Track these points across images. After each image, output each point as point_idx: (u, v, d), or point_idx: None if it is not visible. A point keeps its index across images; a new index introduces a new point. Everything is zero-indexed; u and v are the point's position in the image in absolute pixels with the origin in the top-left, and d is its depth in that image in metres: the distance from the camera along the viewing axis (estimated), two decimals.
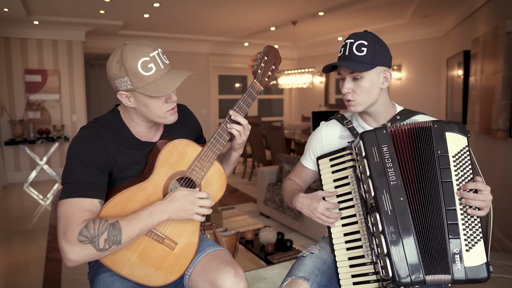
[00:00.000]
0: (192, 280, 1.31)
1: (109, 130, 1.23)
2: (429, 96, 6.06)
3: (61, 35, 5.99)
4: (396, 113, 1.36)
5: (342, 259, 1.27)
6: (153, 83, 1.15)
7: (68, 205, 1.11)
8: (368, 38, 1.26)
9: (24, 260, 3.14)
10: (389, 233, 1.12)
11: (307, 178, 1.55)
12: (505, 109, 3.18)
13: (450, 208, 1.13)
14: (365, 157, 1.18)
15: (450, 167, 1.15)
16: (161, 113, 1.22)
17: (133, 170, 1.26)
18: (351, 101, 1.31)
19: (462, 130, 1.18)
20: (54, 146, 5.97)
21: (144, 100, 1.19)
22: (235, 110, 1.31)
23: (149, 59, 1.14)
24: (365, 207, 1.21)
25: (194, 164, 1.27)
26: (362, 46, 1.25)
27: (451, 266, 1.11)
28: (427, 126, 1.18)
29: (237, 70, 8.48)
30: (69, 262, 1.09)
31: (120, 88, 1.18)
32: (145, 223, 1.15)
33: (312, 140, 1.49)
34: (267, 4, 4.83)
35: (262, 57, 1.37)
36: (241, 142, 1.36)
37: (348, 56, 1.27)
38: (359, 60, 1.25)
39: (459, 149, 1.17)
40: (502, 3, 3.43)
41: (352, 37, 1.28)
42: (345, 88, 1.30)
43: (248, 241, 3.20)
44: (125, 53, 1.14)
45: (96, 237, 1.08)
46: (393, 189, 1.15)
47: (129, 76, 1.14)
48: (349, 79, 1.29)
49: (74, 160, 1.15)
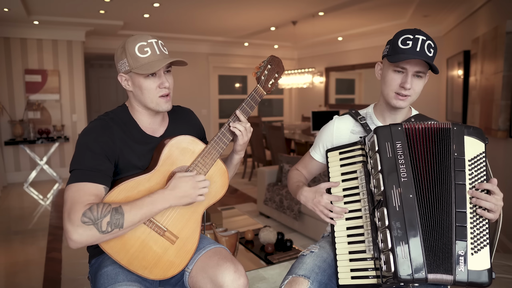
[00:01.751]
0: (192, 277, 1.32)
1: (118, 123, 1.30)
2: (429, 96, 6.06)
3: (61, 35, 6.00)
4: (411, 116, 1.40)
5: (343, 252, 1.28)
6: (146, 64, 1.25)
7: (74, 188, 1.16)
8: (432, 41, 1.27)
9: (24, 260, 3.14)
10: (395, 229, 1.12)
11: (313, 170, 1.57)
12: (505, 109, 3.18)
13: (460, 211, 1.14)
14: (377, 152, 1.18)
15: (465, 170, 1.16)
16: (154, 97, 1.29)
17: (138, 162, 1.31)
18: (406, 97, 1.29)
19: (481, 136, 1.19)
20: (54, 146, 5.97)
21: (139, 81, 1.27)
22: (240, 111, 1.37)
23: (146, 44, 1.26)
24: (372, 202, 1.22)
25: (197, 160, 1.31)
26: (431, 47, 1.25)
27: (454, 267, 1.11)
28: (446, 128, 1.19)
29: (237, 70, 8.48)
30: (72, 243, 1.10)
31: (120, 70, 1.30)
32: (148, 209, 1.18)
33: (323, 132, 1.51)
34: (267, 4, 4.83)
35: (265, 65, 1.43)
36: (242, 143, 1.39)
37: (420, 52, 1.23)
38: (430, 60, 1.25)
39: (476, 154, 1.17)
40: (502, 3, 3.44)
41: (422, 33, 1.25)
42: (407, 83, 1.26)
43: (248, 241, 3.20)
44: (128, 40, 1.28)
45: (99, 219, 1.11)
46: (403, 185, 1.15)
47: (127, 58, 1.26)
48: (412, 75, 1.27)
49: (82, 148, 1.22)
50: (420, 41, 1.24)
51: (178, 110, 1.51)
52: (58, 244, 3.45)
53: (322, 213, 1.31)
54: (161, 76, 1.28)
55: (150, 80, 1.27)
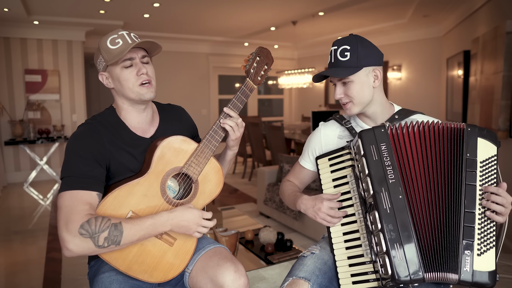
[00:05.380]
0: (193, 277, 1.31)
1: (106, 126, 1.28)
2: (429, 96, 6.06)
3: (61, 35, 6.00)
4: (394, 113, 1.37)
5: (342, 258, 1.27)
6: (119, 54, 1.24)
7: (67, 197, 1.14)
8: (350, 42, 1.28)
9: (24, 260, 3.14)
10: (388, 231, 1.12)
11: (305, 179, 1.55)
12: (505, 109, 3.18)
13: (469, 211, 1.13)
14: (363, 156, 1.18)
15: (476, 172, 1.15)
16: (133, 86, 1.27)
17: (130, 164, 1.29)
18: (346, 104, 1.34)
19: (494, 139, 1.18)
20: (54, 146, 5.97)
21: (117, 74, 1.27)
22: (229, 107, 1.35)
23: (117, 36, 1.26)
24: (364, 205, 1.21)
25: (190, 160, 1.29)
26: (345, 51, 1.28)
27: (460, 266, 1.11)
28: (459, 128, 1.19)
29: (237, 70, 8.47)
30: (67, 252, 1.10)
31: (99, 69, 1.31)
32: (147, 232, 1.17)
33: (311, 140, 1.50)
34: (267, 4, 4.83)
35: (254, 57, 1.41)
36: (235, 139, 1.38)
37: (334, 63, 1.30)
38: (344, 65, 1.28)
39: (488, 157, 1.17)
40: (502, 3, 3.43)
41: (335, 43, 1.31)
42: (337, 93, 1.34)
43: (248, 241, 3.20)
44: (102, 38, 1.29)
45: (97, 233, 1.10)
46: (392, 187, 1.15)
47: (101, 53, 1.26)
48: (340, 84, 1.33)
49: (72, 155, 1.20)
50: (333, 52, 1.32)
51: (168, 108, 1.48)
52: (58, 244, 3.45)
53: (324, 220, 1.29)
54: (137, 64, 1.28)
55: (127, 70, 1.26)
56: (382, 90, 1.37)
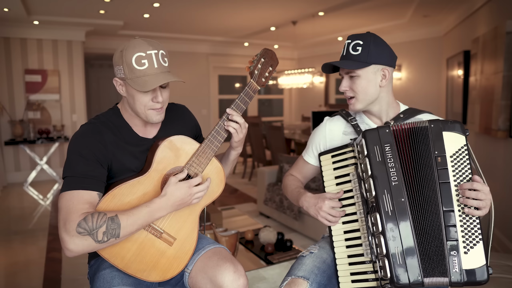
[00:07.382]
0: (192, 277, 1.32)
1: (109, 126, 1.28)
2: (429, 96, 6.06)
3: (61, 35, 6.00)
4: (400, 112, 1.37)
5: (342, 256, 1.27)
6: (141, 78, 1.19)
7: (68, 197, 1.14)
8: (364, 38, 1.28)
9: (24, 260, 3.14)
10: (389, 234, 1.11)
11: (308, 174, 1.55)
12: (505, 109, 3.17)
13: (448, 210, 1.12)
14: (367, 156, 1.17)
15: (448, 168, 1.14)
16: (144, 109, 1.25)
17: (132, 165, 1.29)
18: (351, 99, 1.34)
19: (460, 129, 1.16)
20: (54, 146, 5.97)
21: (132, 92, 1.23)
22: (232, 108, 1.33)
23: (145, 55, 1.19)
24: (365, 206, 1.21)
25: (191, 160, 1.29)
26: (357, 45, 1.28)
27: (448, 268, 1.10)
28: (423, 126, 1.17)
29: (237, 70, 8.48)
30: (68, 252, 1.10)
31: (116, 74, 1.26)
32: (145, 220, 1.17)
33: (315, 135, 1.48)
34: (267, 4, 4.83)
35: (259, 58, 1.40)
36: (238, 140, 1.37)
37: (346, 55, 1.31)
38: (354, 59, 1.28)
39: (457, 149, 1.15)
40: (502, 3, 3.43)
41: (350, 37, 1.31)
42: (342, 85, 1.34)
43: (248, 241, 3.20)
44: (128, 45, 1.21)
45: (95, 229, 1.10)
46: (394, 189, 1.13)
47: (123, 66, 1.20)
48: (346, 78, 1.33)
49: (74, 155, 1.20)
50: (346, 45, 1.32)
51: (172, 107, 1.46)
52: (58, 244, 3.45)
53: (325, 219, 1.29)
54: (156, 91, 1.24)
55: (143, 94, 1.22)
56: (390, 91, 1.36)
